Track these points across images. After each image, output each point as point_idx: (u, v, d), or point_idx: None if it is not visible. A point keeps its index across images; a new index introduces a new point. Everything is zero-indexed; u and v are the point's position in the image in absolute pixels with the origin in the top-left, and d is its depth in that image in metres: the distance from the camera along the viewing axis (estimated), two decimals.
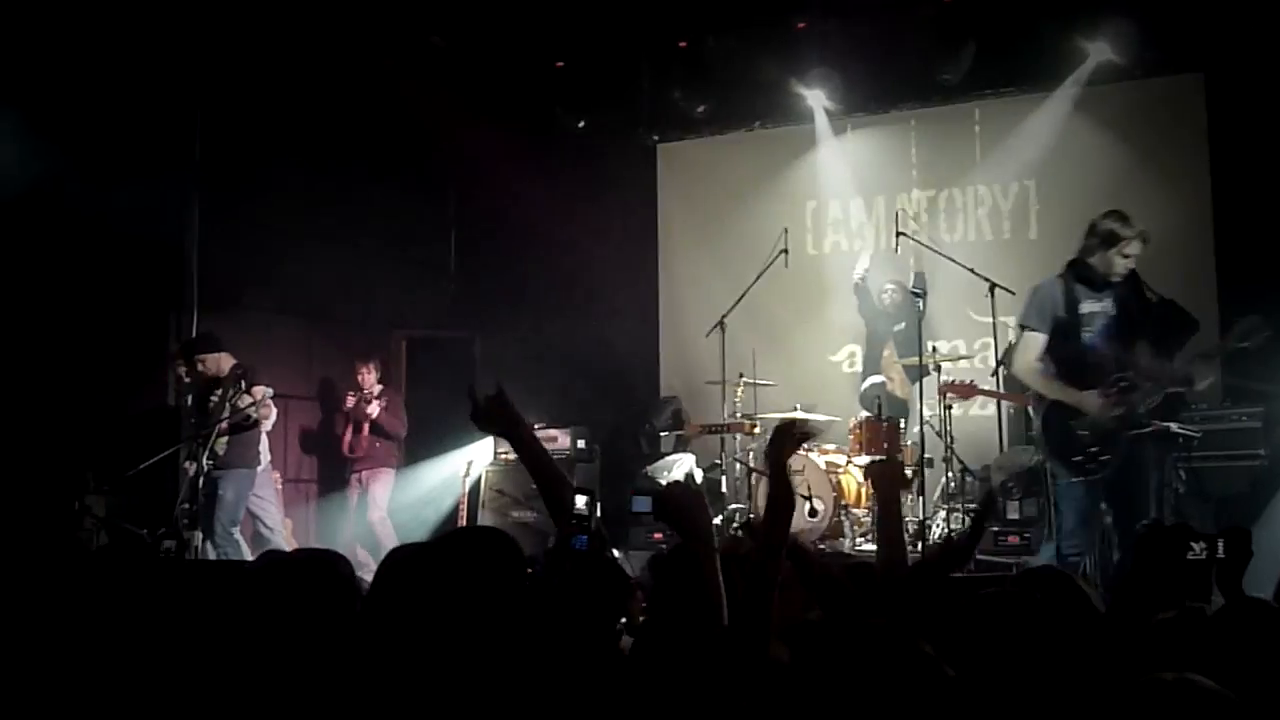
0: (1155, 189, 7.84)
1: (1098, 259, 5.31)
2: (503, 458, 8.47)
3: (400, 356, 9.41)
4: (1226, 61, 7.84)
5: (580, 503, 2.63)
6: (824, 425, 7.97)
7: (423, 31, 8.99)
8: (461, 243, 10.44)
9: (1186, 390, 5.38)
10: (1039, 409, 5.51)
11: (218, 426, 6.93)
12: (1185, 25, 7.72)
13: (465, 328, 9.69)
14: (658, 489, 3.06)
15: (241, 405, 7.02)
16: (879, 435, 7.75)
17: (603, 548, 2.70)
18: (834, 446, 8.05)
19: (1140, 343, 5.26)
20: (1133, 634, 2.60)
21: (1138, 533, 4.62)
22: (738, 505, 7.92)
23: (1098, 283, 5.34)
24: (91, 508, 6.85)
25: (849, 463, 7.94)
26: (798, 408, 7.94)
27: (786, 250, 8.27)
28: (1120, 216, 5.31)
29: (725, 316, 8.17)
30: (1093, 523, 5.24)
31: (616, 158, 9.75)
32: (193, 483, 6.79)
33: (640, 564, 2.96)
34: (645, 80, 9.26)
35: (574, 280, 9.50)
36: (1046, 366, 5.41)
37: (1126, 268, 5.31)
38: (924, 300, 7.60)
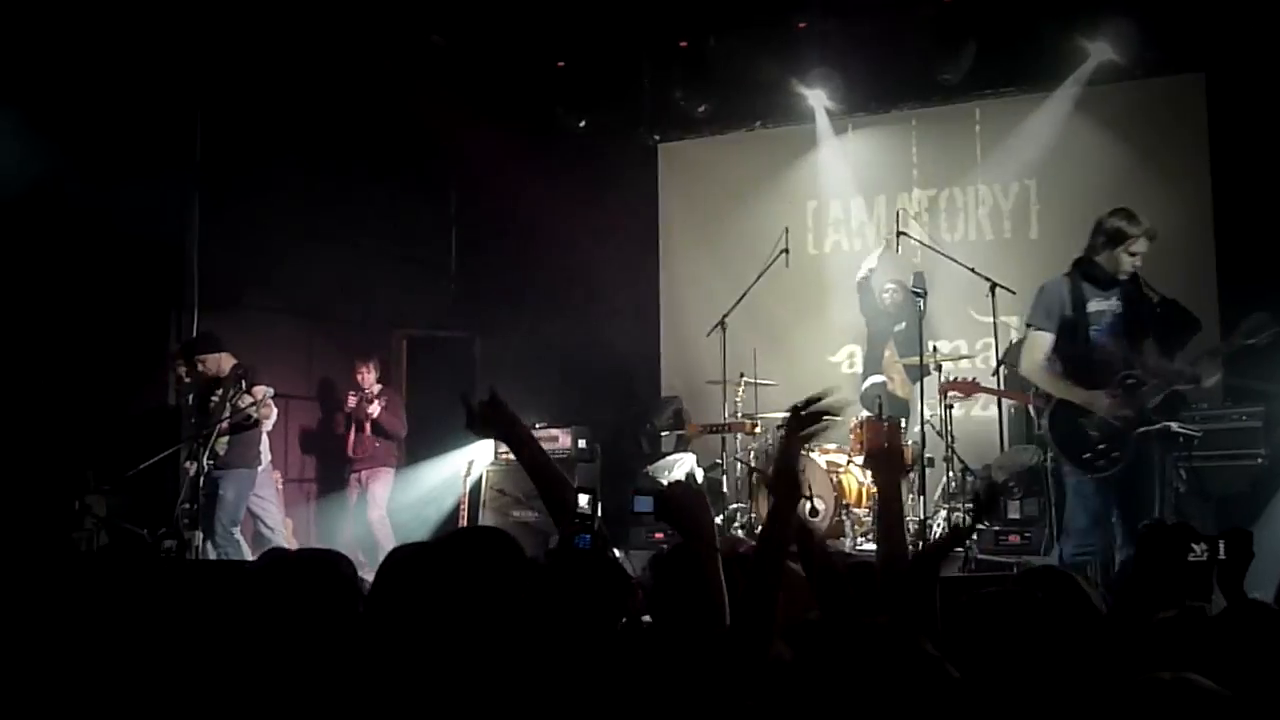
0: (1156, 189, 7.83)
1: (1105, 257, 5.30)
2: (504, 457, 8.46)
3: (400, 356, 9.42)
4: (1227, 61, 7.85)
5: (583, 502, 2.63)
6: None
7: (423, 31, 8.99)
8: (461, 243, 10.43)
9: (1193, 388, 5.36)
10: (1045, 408, 5.50)
11: (218, 426, 6.93)
12: (1186, 25, 7.73)
13: (465, 328, 9.69)
14: (659, 489, 3.05)
15: (242, 405, 7.03)
16: (880, 435, 7.73)
17: (605, 547, 2.69)
18: (834, 446, 8.05)
19: (1147, 341, 5.26)
20: (1133, 634, 2.60)
21: (1139, 532, 4.61)
22: (738, 505, 7.92)
23: (1105, 281, 5.32)
24: (92, 507, 6.84)
25: (849, 462, 7.94)
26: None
27: (787, 250, 8.29)
28: (1127, 214, 5.30)
29: (726, 316, 8.18)
30: (1104, 524, 5.20)
31: (617, 158, 9.75)
32: (193, 482, 6.79)
33: (641, 564, 2.95)
34: (646, 80, 9.27)
35: (574, 280, 9.48)
36: (1054, 365, 5.40)
37: (1133, 265, 5.30)
38: (924, 300, 7.61)
